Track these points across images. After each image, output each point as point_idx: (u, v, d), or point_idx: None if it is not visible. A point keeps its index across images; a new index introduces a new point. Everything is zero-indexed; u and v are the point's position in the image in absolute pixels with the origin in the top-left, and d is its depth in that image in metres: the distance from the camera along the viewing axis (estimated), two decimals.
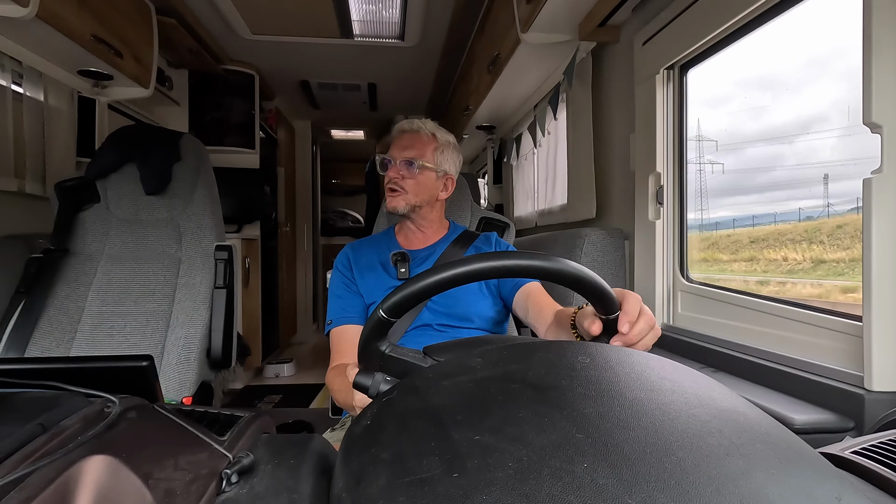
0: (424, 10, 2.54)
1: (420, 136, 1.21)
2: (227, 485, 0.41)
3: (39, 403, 0.46)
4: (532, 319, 1.10)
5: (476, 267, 0.51)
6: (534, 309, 1.09)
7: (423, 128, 1.22)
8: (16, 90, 1.79)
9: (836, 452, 0.46)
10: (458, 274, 0.51)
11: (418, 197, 1.20)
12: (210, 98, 3.17)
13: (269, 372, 3.62)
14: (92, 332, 1.50)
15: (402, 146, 1.20)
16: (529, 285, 1.15)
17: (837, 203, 1.18)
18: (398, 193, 1.19)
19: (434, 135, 1.22)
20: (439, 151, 1.21)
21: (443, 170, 1.22)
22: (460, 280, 0.51)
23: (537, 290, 1.14)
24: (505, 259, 0.52)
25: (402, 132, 1.22)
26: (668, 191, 1.44)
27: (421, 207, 1.22)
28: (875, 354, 0.83)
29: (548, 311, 1.05)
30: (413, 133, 1.21)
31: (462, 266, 0.51)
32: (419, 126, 1.22)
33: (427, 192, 1.21)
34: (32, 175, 1.84)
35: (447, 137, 1.24)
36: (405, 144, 1.20)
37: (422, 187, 1.20)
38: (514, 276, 0.54)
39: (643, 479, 0.29)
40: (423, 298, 0.52)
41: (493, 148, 3.37)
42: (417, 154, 1.19)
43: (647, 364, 0.42)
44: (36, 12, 1.44)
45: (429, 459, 0.33)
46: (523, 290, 1.15)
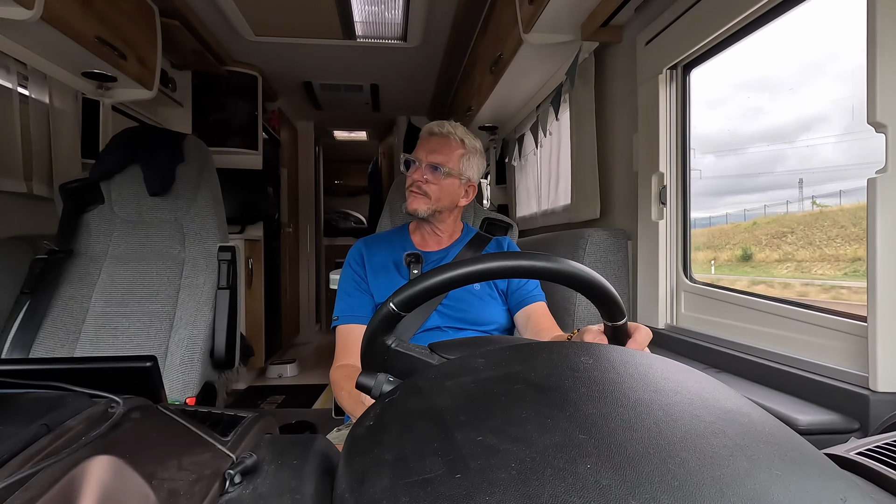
0: (427, 10, 2.55)
1: (449, 141, 1.19)
2: (231, 485, 0.41)
3: (44, 404, 0.46)
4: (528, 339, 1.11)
5: (490, 266, 0.51)
6: (532, 330, 1.11)
7: (454, 133, 1.20)
8: (21, 93, 1.80)
9: (840, 454, 0.46)
10: (471, 272, 0.51)
11: (440, 202, 1.19)
12: (213, 99, 3.19)
13: (272, 372, 3.63)
14: (96, 333, 1.50)
15: (429, 149, 1.18)
16: (534, 306, 1.16)
17: (774, 205, 1.31)
18: (420, 196, 1.18)
19: (463, 141, 1.20)
20: (465, 158, 1.20)
21: (466, 177, 1.21)
22: (472, 278, 0.51)
23: (539, 312, 1.14)
24: (518, 259, 0.52)
25: (431, 135, 1.20)
26: (671, 191, 1.44)
27: (441, 212, 1.21)
28: (880, 355, 0.82)
29: (545, 335, 1.06)
30: (442, 137, 1.19)
31: (476, 264, 0.51)
32: (449, 130, 1.20)
33: (449, 198, 1.20)
34: (39, 176, 1.86)
35: (475, 144, 1.23)
36: (433, 148, 1.18)
37: (444, 193, 1.19)
38: (526, 276, 0.54)
39: (647, 479, 0.29)
40: (436, 294, 0.52)
41: (496, 148, 3.36)
42: (444, 159, 1.17)
43: (651, 365, 0.42)
44: (40, 15, 1.45)
45: (432, 460, 0.33)
46: (526, 310, 1.15)
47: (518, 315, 1.17)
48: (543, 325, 1.09)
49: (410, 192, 1.19)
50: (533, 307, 1.15)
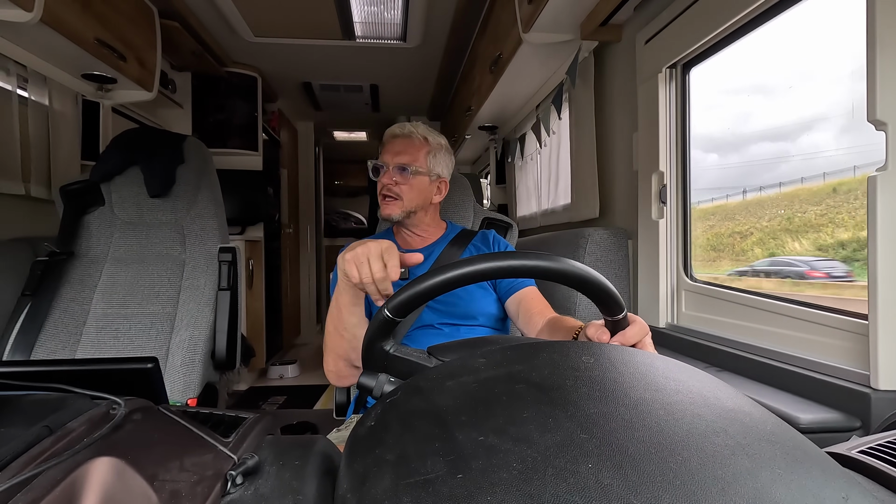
0: (426, 10, 2.54)
1: (412, 141, 1.19)
2: (232, 486, 0.41)
3: (45, 405, 0.46)
4: (521, 325, 1.11)
5: (482, 267, 0.51)
6: (524, 315, 1.10)
7: (415, 132, 1.20)
8: (21, 94, 1.80)
9: (842, 452, 0.46)
10: (464, 273, 0.51)
11: (413, 202, 1.19)
12: (213, 100, 3.19)
13: (273, 373, 3.63)
14: (97, 335, 1.50)
15: (394, 151, 1.18)
16: (524, 291, 1.15)
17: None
18: (392, 200, 1.18)
19: (426, 138, 1.20)
20: (431, 155, 1.20)
21: (436, 173, 1.21)
22: (467, 280, 0.51)
23: (530, 296, 1.14)
24: (511, 259, 0.52)
25: (394, 137, 1.20)
26: (671, 190, 1.44)
27: (415, 213, 1.21)
28: (881, 353, 0.82)
29: (538, 318, 1.05)
30: (405, 138, 1.19)
31: (469, 266, 0.51)
32: (410, 130, 1.20)
33: (421, 196, 1.20)
34: (37, 178, 1.86)
35: (439, 140, 1.23)
36: (398, 150, 1.18)
37: (416, 192, 1.19)
38: (520, 276, 0.54)
39: (648, 479, 0.29)
40: (429, 298, 0.52)
41: (496, 148, 3.36)
42: (410, 159, 1.17)
43: (652, 364, 0.42)
44: (40, 17, 1.45)
45: (433, 460, 0.33)
46: (516, 297, 1.15)
47: (509, 302, 1.16)
48: (535, 309, 1.09)
49: (382, 196, 1.19)
50: (522, 293, 1.14)
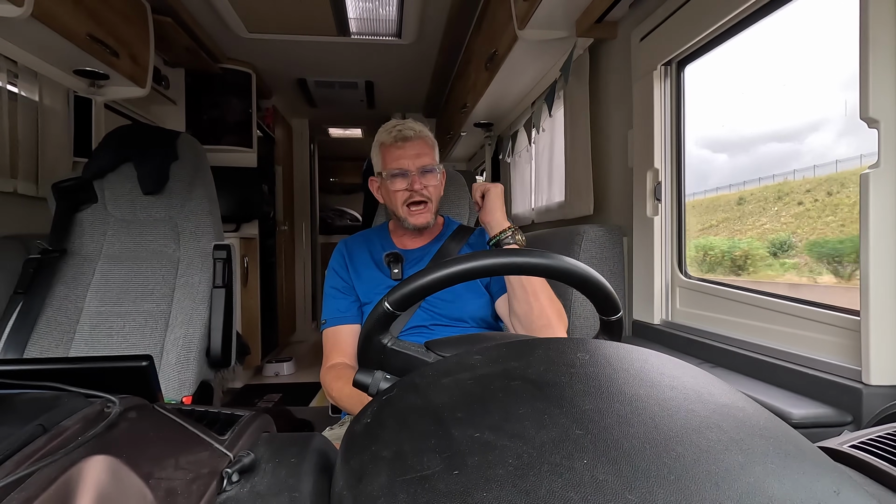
0: (421, 7, 2.54)
1: (425, 141, 1.17)
2: (228, 484, 0.41)
3: (39, 404, 0.46)
4: (509, 324, 1.12)
5: (484, 263, 0.51)
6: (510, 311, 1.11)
7: (422, 131, 1.18)
8: (10, 90, 1.78)
9: (834, 446, 0.46)
10: (466, 269, 0.51)
11: (437, 203, 1.18)
12: (207, 97, 3.17)
13: (268, 371, 3.63)
14: (91, 333, 1.49)
15: (413, 154, 1.14)
16: None
17: None
18: (424, 206, 1.14)
19: (429, 136, 1.20)
20: (436, 150, 1.21)
21: (440, 167, 1.21)
22: (468, 275, 0.51)
23: None
24: (511, 257, 0.52)
25: (407, 139, 1.15)
26: (665, 187, 1.45)
27: (436, 213, 1.21)
28: (873, 349, 0.83)
29: None
30: (418, 139, 1.16)
31: (470, 261, 0.51)
32: (419, 130, 1.18)
33: (440, 195, 1.20)
34: (25, 175, 1.84)
35: (432, 135, 1.24)
36: (417, 152, 1.14)
37: (438, 192, 1.18)
38: (523, 273, 0.54)
39: (643, 474, 0.29)
40: (430, 292, 0.52)
41: (491, 145, 3.36)
42: (431, 160, 1.15)
43: (646, 360, 0.42)
44: (31, 12, 1.43)
45: (429, 457, 0.33)
46: (506, 296, 1.15)
47: (499, 301, 1.16)
48: None
49: (413, 204, 1.14)
50: None
